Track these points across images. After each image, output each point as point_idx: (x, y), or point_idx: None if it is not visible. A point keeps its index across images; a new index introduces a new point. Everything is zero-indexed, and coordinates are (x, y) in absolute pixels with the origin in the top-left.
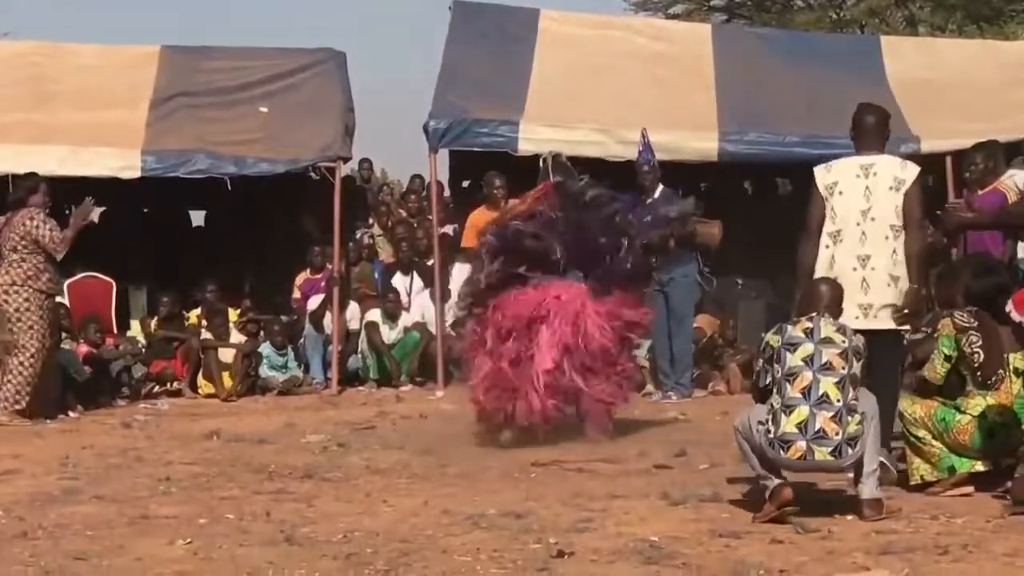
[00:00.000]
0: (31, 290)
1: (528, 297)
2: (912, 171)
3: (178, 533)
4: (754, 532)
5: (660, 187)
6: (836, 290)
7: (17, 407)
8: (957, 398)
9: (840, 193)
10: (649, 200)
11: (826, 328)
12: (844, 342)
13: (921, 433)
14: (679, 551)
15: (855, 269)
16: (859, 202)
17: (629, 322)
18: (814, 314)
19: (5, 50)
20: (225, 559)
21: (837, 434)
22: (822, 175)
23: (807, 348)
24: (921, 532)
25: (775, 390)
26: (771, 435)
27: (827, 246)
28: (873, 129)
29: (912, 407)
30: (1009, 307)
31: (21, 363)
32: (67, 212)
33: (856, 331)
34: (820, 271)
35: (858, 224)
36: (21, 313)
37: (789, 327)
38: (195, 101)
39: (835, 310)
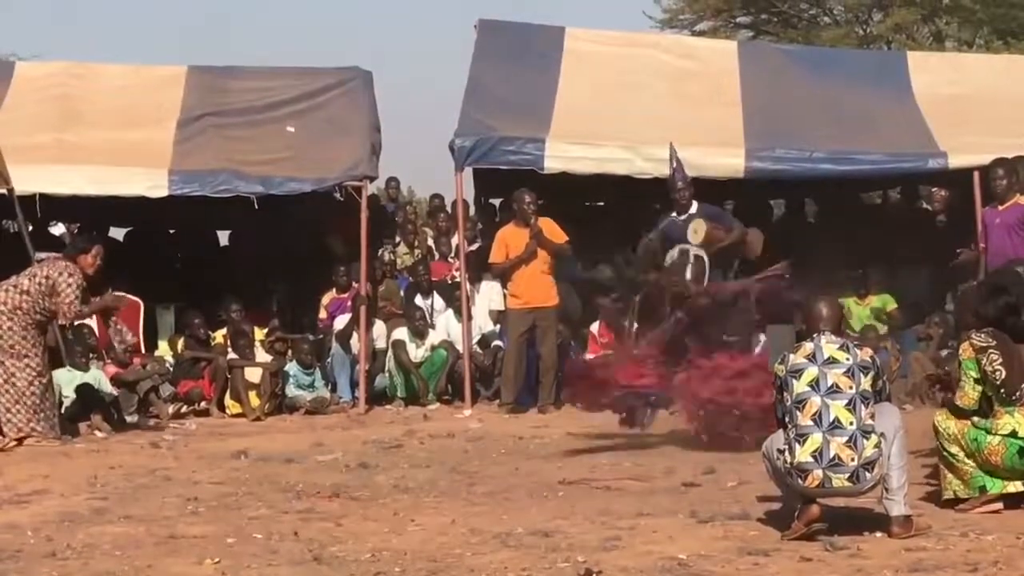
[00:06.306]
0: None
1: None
2: None
3: (206, 553)
4: (783, 550)
5: (695, 204)
6: (835, 307)
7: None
8: (988, 418)
9: None
10: (684, 217)
11: (828, 348)
12: (848, 359)
13: (954, 450)
14: (707, 569)
15: None
16: None
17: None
18: (815, 335)
19: (35, 71)
20: None
21: (853, 460)
22: None
23: (811, 372)
24: (951, 549)
25: (787, 419)
26: (788, 464)
27: None
28: None
29: (947, 422)
30: None
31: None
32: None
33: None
34: None
35: None
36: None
37: (791, 355)
38: (222, 121)
39: (836, 327)
